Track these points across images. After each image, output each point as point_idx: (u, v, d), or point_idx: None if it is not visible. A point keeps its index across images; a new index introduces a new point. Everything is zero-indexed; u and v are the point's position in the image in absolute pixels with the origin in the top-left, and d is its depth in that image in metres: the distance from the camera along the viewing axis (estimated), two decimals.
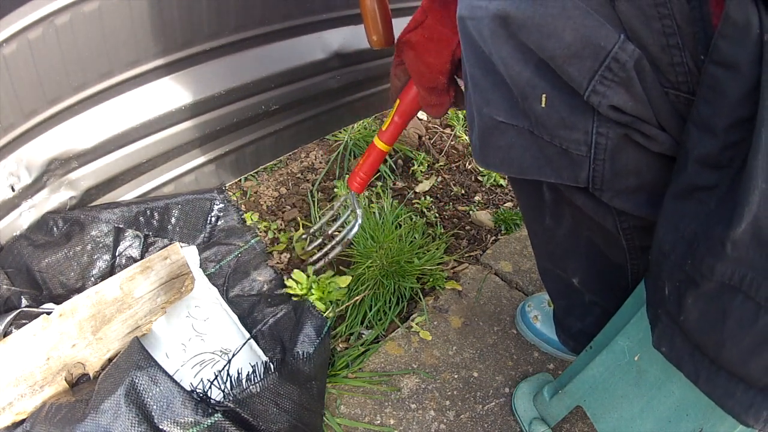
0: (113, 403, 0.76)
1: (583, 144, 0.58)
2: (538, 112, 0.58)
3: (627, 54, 0.52)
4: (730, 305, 0.50)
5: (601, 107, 0.54)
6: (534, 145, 0.61)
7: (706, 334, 0.54)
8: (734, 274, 0.49)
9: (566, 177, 0.62)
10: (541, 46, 0.53)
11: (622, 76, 0.52)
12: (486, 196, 1.57)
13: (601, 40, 0.52)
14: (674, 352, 0.58)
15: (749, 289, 0.49)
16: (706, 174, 0.53)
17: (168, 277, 1.01)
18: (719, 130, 0.50)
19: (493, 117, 0.61)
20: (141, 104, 1.09)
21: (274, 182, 1.49)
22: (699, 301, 0.53)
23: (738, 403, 0.53)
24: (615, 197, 0.62)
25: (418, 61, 0.81)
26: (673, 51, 0.53)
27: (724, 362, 0.53)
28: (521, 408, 0.98)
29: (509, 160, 0.63)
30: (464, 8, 0.58)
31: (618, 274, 0.79)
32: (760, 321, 0.49)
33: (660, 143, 0.57)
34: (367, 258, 1.23)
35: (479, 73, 0.61)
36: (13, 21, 0.85)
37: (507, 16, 0.53)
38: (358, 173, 1.08)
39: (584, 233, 0.78)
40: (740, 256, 0.49)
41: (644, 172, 0.61)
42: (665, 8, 0.50)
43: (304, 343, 0.95)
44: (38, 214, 1.07)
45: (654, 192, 0.62)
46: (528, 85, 0.57)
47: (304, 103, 1.39)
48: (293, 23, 1.26)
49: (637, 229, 0.70)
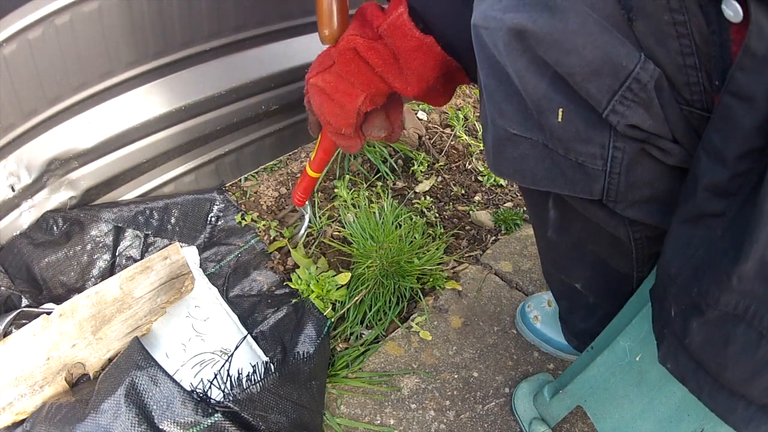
0: (113, 403, 0.76)
1: (599, 158, 0.57)
2: (554, 125, 0.57)
3: (648, 74, 0.51)
4: (734, 333, 0.51)
5: (619, 126, 0.54)
6: (548, 158, 0.60)
7: (709, 356, 0.55)
8: (738, 304, 0.50)
9: (580, 190, 0.61)
10: (559, 62, 0.52)
11: (642, 97, 0.52)
12: (486, 196, 1.57)
13: (622, 59, 0.51)
14: (678, 369, 0.60)
15: (752, 320, 0.50)
16: (714, 201, 0.53)
17: (168, 277, 1.01)
18: (730, 159, 0.50)
19: (507, 129, 0.60)
20: (141, 104, 1.09)
21: (274, 182, 1.49)
22: (703, 327, 0.54)
23: (739, 419, 0.55)
24: (628, 208, 0.62)
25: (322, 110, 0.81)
26: (689, 71, 0.52)
27: (726, 382, 0.55)
28: (521, 408, 0.98)
29: (522, 171, 0.63)
30: (478, 17, 0.57)
31: (623, 281, 0.79)
32: (761, 349, 0.50)
33: (674, 156, 0.57)
34: (367, 258, 1.23)
35: (493, 84, 0.60)
36: (13, 21, 0.85)
37: (524, 30, 0.52)
38: (297, 192, 1.20)
39: (589, 247, 0.78)
40: (745, 289, 0.49)
41: (658, 183, 0.60)
42: (684, 28, 0.49)
43: (304, 343, 0.95)
44: (38, 214, 1.07)
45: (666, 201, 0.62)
46: (544, 98, 0.56)
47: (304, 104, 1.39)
48: (293, 23, 1.26)
49: (649, 239, 0.70)
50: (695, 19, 0.49)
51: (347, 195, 1.42)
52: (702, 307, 0.53)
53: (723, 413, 0.56)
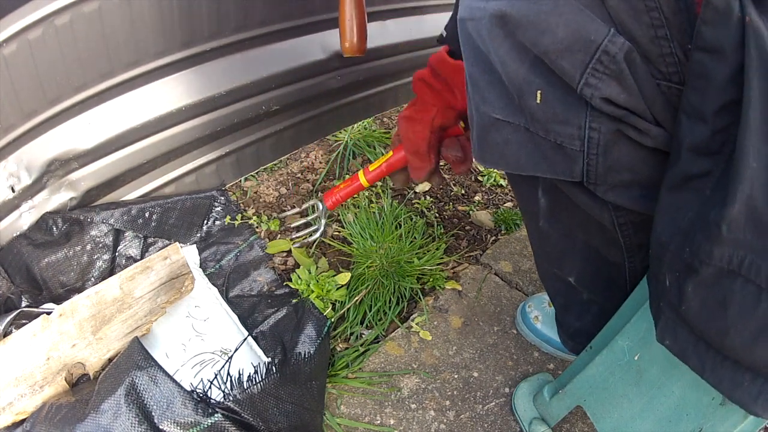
0: (113, 403, 0.76)
1: (577, 138, 0.60)
2: (533, 108, 0.59)
3: (617, 47, 0.53)
4: (731, 290, 0.50)
5: (594, 99, 0.56)
6: (530, 141, 0.63)
7: (708, 322, 0.53)
8: (732, 257, 0.49)
9: (561, 172, 0.63)
10: (535, 43, 0.55)
11: (612, 68, 0.54)
12: (486, 196, 1.57)
13: (591, 34, 0.53)
14: (678, 345, 0.58)
15: (749, 272, 0.48)
16: (699, 161, 0.53)
17: (168, 277, 1.01)
18: (709, 115, 0.51)
19: (490, 114, 0.63)
20: (141, 105, 1.09)
21: (274, 182, 1.49)
22: (699, 289, 0.53)
23: (746, 393, 0.52)
24: (609, 191, 0.63)
25: (407, 130, 0.94)
26: (661, 42, 0.54)
27: (729, 350, 0.52)
28: (521, 408, 0.98)
29: (506, 156, 0.65)
30: (464, 10, 0.61)
31: (615, 272, 0.79)
32: (762, 304, 0.48)
33: (653, 137, 0.58)
34: (367, 258, 1.23)
35: (477, 72, 0.63)
36: (13, 21, 0.85)
37: (504, 14, 0.56)
38: (337, 194, 1.13)
39: (580, 236, 0.78)
40: (737, 238, 0.48)
41: (638, 168, 0.61)
42: (652, 1, 0.52)
43: (304, 344, 0.95)
44: (38, 215, 1.07)
45: (649, 187, 0.63)
46: (524, 82, 0.59)
47: (304, 104, 1.39)
48: (294, 23, 1.26)
49: (634, 224, 0.70)
50: None
51: None
52: (696, 266, 0.52)
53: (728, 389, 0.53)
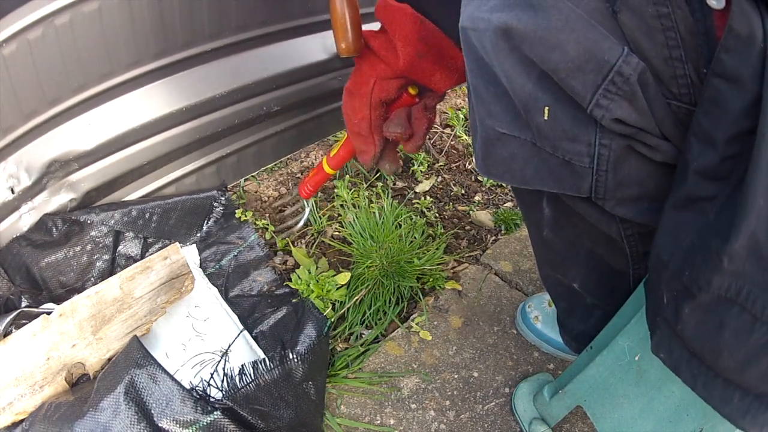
0: (112, 400, 0.76)
1: (586, 156, 0.58)
2: (541, 124, 0.57)
3: (631, 67, 0.51)
4: (727, 317, 0.50)
5: (604, 120, 0.54)
6: (536, 157, 0.61)
7: (703, 342, 0.54)
8: (731, 287, 0.49)
9: (568, 187, 0.62)
10: (544, 59, 0.53)
11: (625, 90, 0.52)
12: (486, 196, 1.57)
13: (604, 54, 0.51)
14: (672, 359, 0.58)
15: (746, 302, 0.49)
16: (705, 185, 0.53)
17: (168, 277, 1.01)
18: (719, 142, 0.50)
19: (496, 128, 0.61)
20: (141, 106, 1.09)
21: (274, 182, 1.49)
22: (696, 312, 0.53)
23: (735, 410, 0.53)
24: (617, 206, 0.62)
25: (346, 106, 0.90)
26: (675, 63, 0.52)
27: (721, 370, 0.53)
28: (521, 408, 0.98)
29: (511, 170, 0.63)
30: (466, 19, 0.58)
31: (620, 279, 0.79)
32: (755, 333, 0.49)
33: (663, 153, 0.57)
34: (367, 258, 1.23)
35: (481, 84, 0.61)
36: (13, 21, 0.85)
37: (509, 28, 0.53)
38: (307, 184, 1.20)
39: (585, 245, 0.78)
40: (737, 269, 0.48)
41: (646, 181, 0.60)
42: (669, 20, 0.50)
43: (304, 343, 0.95)
44: (38, 217, 1.07)
45: (657, 199, 0.62)
46: (530, 97, 0.56)
47: (305, 104, 1.39)
48: (294, 24, 1.26)
49: (641, 235, 0.70)
50: (679, 10, 0.49)
51: (347, 195, 1.43)
52: (694, 291, 0.52)
53: (718, 404, 0.55)
